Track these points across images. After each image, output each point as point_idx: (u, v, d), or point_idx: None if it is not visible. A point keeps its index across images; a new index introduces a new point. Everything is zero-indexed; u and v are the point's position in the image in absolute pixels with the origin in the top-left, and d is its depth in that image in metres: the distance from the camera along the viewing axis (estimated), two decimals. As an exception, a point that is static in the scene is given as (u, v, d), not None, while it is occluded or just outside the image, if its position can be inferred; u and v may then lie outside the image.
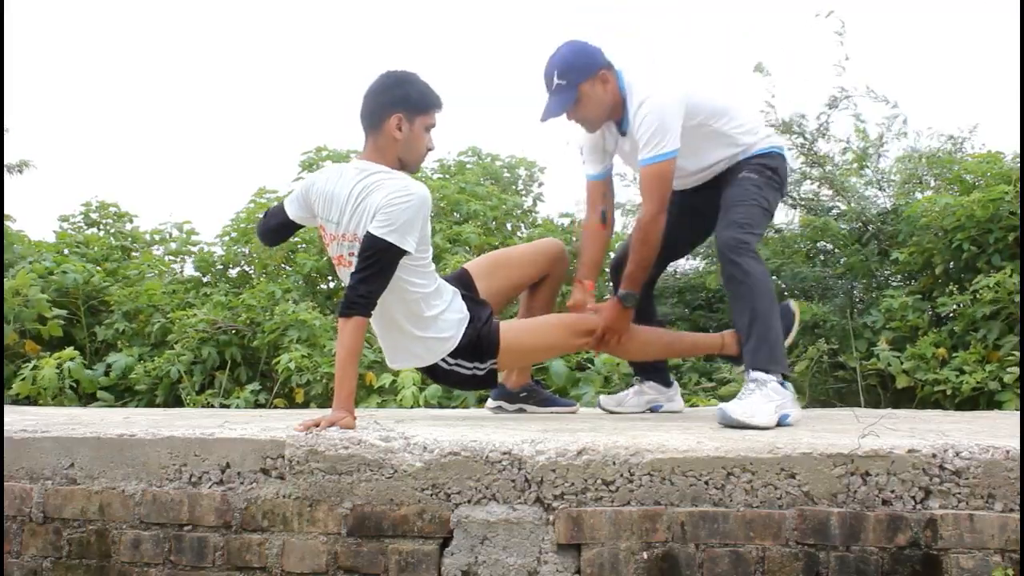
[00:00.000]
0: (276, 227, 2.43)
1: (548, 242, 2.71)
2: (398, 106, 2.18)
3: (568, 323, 2.45)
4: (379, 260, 2.05)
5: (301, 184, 2.37)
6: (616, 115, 2.45)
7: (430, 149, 2.27)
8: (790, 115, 5.17)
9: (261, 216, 2.48)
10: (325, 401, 4.14)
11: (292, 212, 2.36)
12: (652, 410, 2.78)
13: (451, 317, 2.32)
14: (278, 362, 4.25)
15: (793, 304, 2.59)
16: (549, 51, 2.42)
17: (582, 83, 2.37)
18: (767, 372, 2.20)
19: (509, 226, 6.33)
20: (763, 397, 2.15)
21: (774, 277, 4.83)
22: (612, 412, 2.72)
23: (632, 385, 2.80)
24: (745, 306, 2.25)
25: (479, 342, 2.34)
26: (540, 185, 7.15)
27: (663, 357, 2.70)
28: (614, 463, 1.70)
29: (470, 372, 2.36)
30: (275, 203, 3.22)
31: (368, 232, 2.06)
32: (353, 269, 2.09)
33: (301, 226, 2.43)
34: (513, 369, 2.69)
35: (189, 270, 5.91)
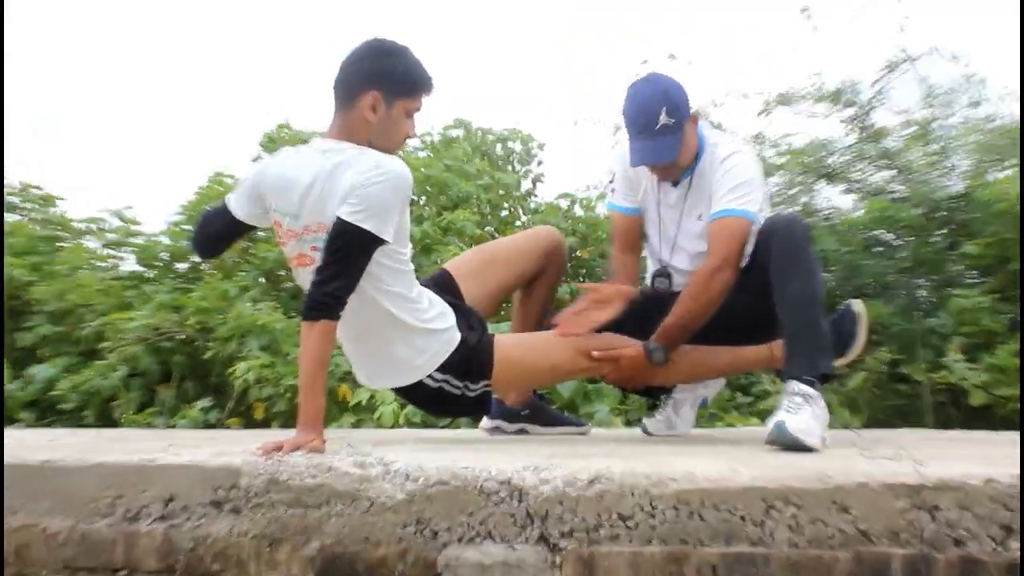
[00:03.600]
0: (219, 232, 2.37)
1: (541, 231, 2.71)
2: (377, 83, 2.16)
3: (575, 341, 2.44)
4: (351, 251, 2.04)
5: (249, 174, 2.33)
6: (682, 167, 2.51)
7: (409, 136, 2.25)
8: (840, 82, 5.17)
9: (199, 220, 2.42)
10: (289, 420, 4.13)
11: (240, 210, 2.32)
12: (703, 405, 2.84)
13: (438, 325, 2.31)
14: (233, 372, 4.25)
15: (857, 305, 2.54)
16: (632, 85, 2.45)
17: (685, 123, 2.43)
18: (813, 385, 2.20)
19: (505, 212, 6.32)
20: (813, 415, 2.15)
21: (825, 274, 4.82)
22: (664, 436, 2.73)
23: (659, 407, 2.80)
24: (804, 290, 2.24)
25: (471, 358, 2.34)
26: (540, 163, 7.16)
27: (693, 381, 2.67)
28: (633, 494, 1.70)
29: (459, 391, 2.35)
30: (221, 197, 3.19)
31: (338, 218, 2.05)
32: (319, 264, 2.08)
33: (250, 229, 2.39)
34: (510, 392, 2.68)
35: (130, 265, 5.91)
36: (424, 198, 6.11)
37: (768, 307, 2.30)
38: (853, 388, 4.16)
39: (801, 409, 2.14)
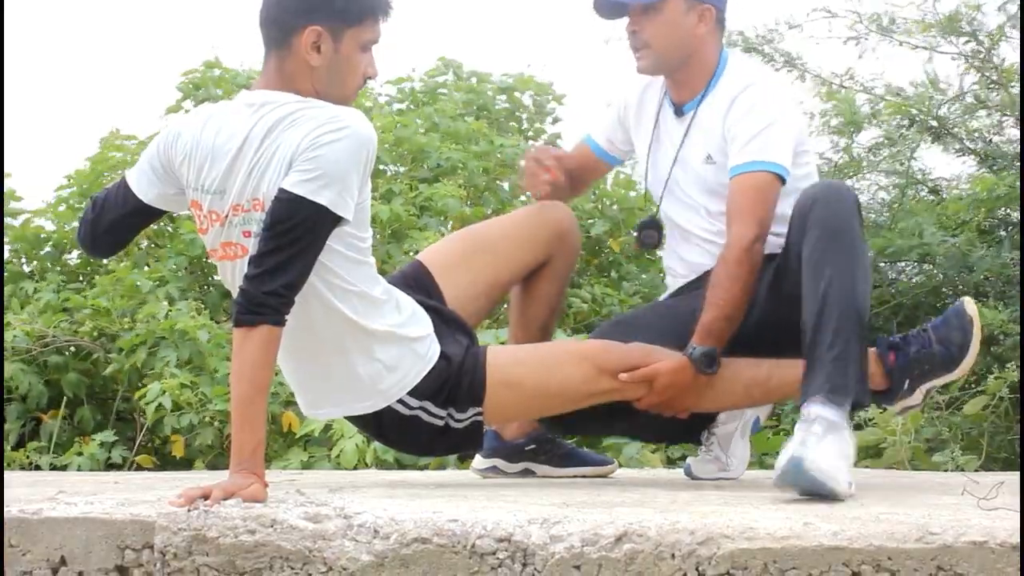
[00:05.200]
0: (117, 222, 2.38)
1: (545, 208, 2.72)
2: (315, 14, 2.17)
3: (594, 353, 2.45)
4: (300, 233, 2.05)
5: (155, 142, 2.34)
6: (690, 88, 2.64)
7: (369, 77, 2.28)
8: (956, 5, 5.15)
9: (89, 206, 2.42)
10: (219, 458, 4.15)
11: (145, 190, 2.32)
12: (756, 430, 2.92)
13: (411, 333, 2.32)
14: (144, 395, 4.25)
15: (968, 304, 2.52)
16: None
17: None
18: (841, 405, 2.21)
19: (507, 184, 6.30)
20: (838, 449, 2.12)
21: (927, 265, 4.82)
22: (715, 480, 2.75)
23: (703, 443, 2.81)
24: (842, 282, 2.27)
25: (456, 379, 2.35)
26: (555, 121, 7.10)
27: (750, 406, 2.69)
28: (673, 556, 1.70)
29: (441, 422, 2.36)
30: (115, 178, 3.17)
31: (281, 189, 2.06)
32: (254, 252, 2.08)
33: (159, 214, 2.42)
34: (508, 421, 2.68)
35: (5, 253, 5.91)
36: (394, 166, 6.08)
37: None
38: (970, 417, 4.14)
39: (823, 441, 2.10)
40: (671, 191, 2.69)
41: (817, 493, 2.04)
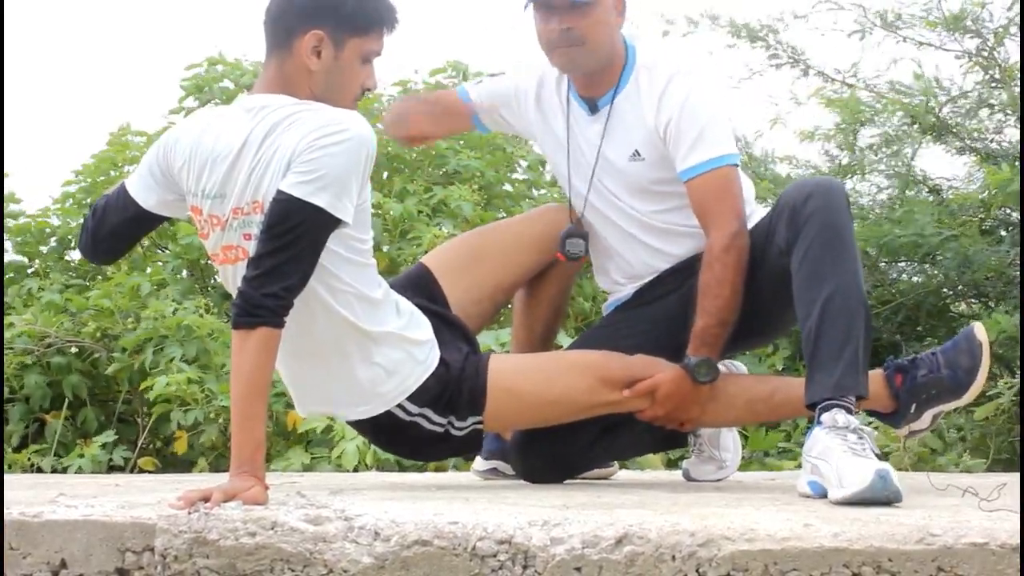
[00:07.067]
0: (118, 229, 2.39)
1: (550, 211, 2.74)
2: (320, 18, 2.17)
3: (597, 365, 2.44)
4: (298, 235, 2.04)
5: (153, 148, 2.34)
6: (604, 82, 2.58)
7: (367, 89, 2.28)
8: (962, 3, 5.13)
9: (90, 214, 2.43)
10: (222, 458, 4.14)
11: (145, 197, 2.32)
12: None
13: (410, 336, 2.32)
14: (147, 390, 4.24)
15: (979, 330, 2.48)
16: None
17: None
18: (851, 409, 2.21)
19: (511, 186, 6.27)
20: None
21: (926, 266, 4.81)
22: (714, 481, 2.76)
23: (692, 448, 2.81)
24: (852, 280, 2.27)
25: (458, 386, 2.35)
26: None
27: (752, 421, 2.68)
28: (674, 558, 1.70)
29: (442, 429, 2.36)
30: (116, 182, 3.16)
31: (278, 191, 2.05)
32: (254, 254, 2.08)
33: (160, 220, 2.42)
34: (508, 430, 2.68)
35: (7, 254, 5.90)
36: (412, 168, 6.04)
37: (779, 304, 2.38)
38: (980, 422, 4.11)
39: (868, 449, 2.11)
40: (599, 193, 2.62)
41: (897, 501, 2.02)
